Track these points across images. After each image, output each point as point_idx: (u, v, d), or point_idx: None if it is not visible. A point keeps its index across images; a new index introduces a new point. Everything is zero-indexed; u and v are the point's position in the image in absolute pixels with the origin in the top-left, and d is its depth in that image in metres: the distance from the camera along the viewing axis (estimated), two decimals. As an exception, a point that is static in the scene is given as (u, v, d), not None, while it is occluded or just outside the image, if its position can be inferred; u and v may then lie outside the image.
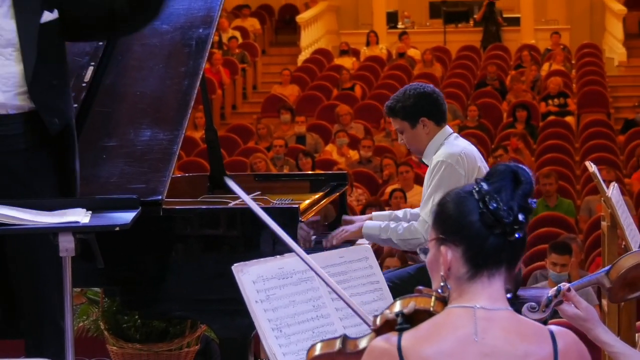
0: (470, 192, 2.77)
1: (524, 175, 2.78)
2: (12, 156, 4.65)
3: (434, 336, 2.72)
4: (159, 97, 5.37)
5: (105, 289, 5.60)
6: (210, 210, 5.22)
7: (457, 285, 2.79)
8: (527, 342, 2.72)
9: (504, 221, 2.71)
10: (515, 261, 2.80)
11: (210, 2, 5.69)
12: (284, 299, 3.68)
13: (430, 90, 5.80)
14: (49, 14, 4.63)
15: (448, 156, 5.55)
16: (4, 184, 4.60)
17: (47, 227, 4.26)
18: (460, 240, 2.76)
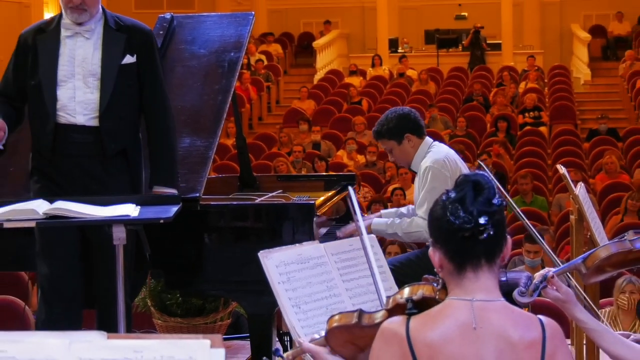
0: (443, 201, 2.78)
1: (484, 183, 2.76)
2: (90, 160, 4.68)
3: (437, 324, 2.71)
4: (197, 110, 5.37)
5: (152, 271, 5.60)
6: (240, 205, 5.21)
7: (450, 279, 2.78)
8: (519, 329, 2.71)
9: (465, 227, 2.71)
10: (493, 254, 2.76)
11: (240, 30, 5.69)
12: (302, 281, 3.67)
13: (407, 110, 5.82)
14: (130, 57, 4.66)
15: (434, 162, 5.54)
16: (85, 183, 4.63)
17: (103, 220, 4.25)
18: (442, 242, 2.76)
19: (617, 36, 24.64)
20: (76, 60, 4.61)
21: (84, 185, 4.61)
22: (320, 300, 3.66)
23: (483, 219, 2.72)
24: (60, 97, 4.61)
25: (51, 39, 4.63)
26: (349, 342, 3.02)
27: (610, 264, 3.40)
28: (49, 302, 4.70)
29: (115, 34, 4.67)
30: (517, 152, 16.02)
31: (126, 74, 4.66)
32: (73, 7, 4.54)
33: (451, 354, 2.67)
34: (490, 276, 2.76)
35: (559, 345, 2.75)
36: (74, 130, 4.64)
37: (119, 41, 4.66)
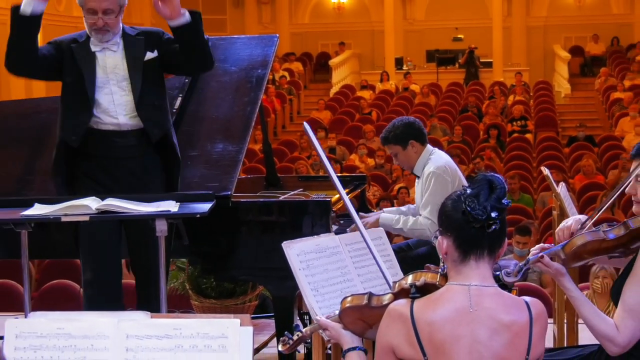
0: (458, 196, 2.77)
1: (498, 183, 2.77)
2: (131, 160, 4.66)
3: (438, 306, 2.71)
4: (229, 119, 5.36)
5: (190, 259, 5.59)
6: (266, 202, 5.20)
7: (452, 266, 2.78)
8: (510, 311, 2.71)
9: (479, 218, 2.70)
10: (495, 247, 2.78)
11: (266, 50, 5.68)
12: (319, 267, 3.67)
13: (412, 120, 5.79)
14: (150, 54, 4.63)
15: (437, 168, 5.52)
16: (128, 181, 4.60)
17: (147, 214, 4.25)
18: (451, 232, 2.76)
19: (593, 55, 24.61)
20: (108, 69, 4.58)
21: (127, 183, 4.58)
22: (335, 285, 3.66)
23: (494, 213, 2.73)
24: (101, 101, 4.58)
25: (85, 50, 4.60)
26: (359, 320, 3.03)
27: (586, 251, 3.38)
28: (91, 289, 4.70)
29: (134, 38, 4.65)
30: (506, 156, 15.99)
31: (150, 68, 4.63)
32: (97, 29, 4.53)
33: (449, 333, 2.66)
34: (488, 266, 2.77)
35: (543, 324, 2.76)
36: (117, 135, 4.61)
37: (138, 43, 4.63)
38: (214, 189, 4.85)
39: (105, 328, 2.68)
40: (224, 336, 2.66)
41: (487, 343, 2.66)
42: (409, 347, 2.67)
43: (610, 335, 3.15)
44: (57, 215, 4.26)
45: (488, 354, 2.66)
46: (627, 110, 17.93)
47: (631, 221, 3.30)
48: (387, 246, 4.05)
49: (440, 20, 25.54)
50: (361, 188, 6.19)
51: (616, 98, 19.50)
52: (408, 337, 2.67)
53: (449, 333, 2.66)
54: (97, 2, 4.45)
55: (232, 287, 5.95)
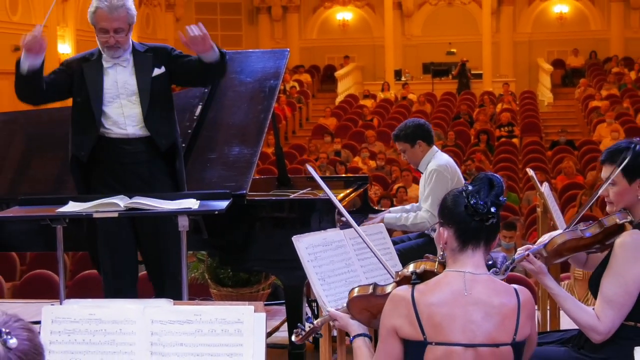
0: (461, 192, 2.78)
1: (497, 182, 2.78)
2: (139, 166, 4.63)
3: (436, 290, 2.71)
4: (244, 125, 5.36)
5: (209, 252, 5.59)
6: (278, 200, 5.20)
7: (451, 255, 2.79)
8: (500, 296, 2.72)
9: (480, 212, 2.71)
10: (490, 239, 2.81)
11: (278, 63, 5.68)
12: (326, 259, 3.66)
13: (422, 122, 5.83)
14: (158, 70, 4.60)
15: (439, 166, 5.56)
16: (136, 184, 4.57)
17: (170, 211, 4.25)
18: (452, 224, 2.77)
19: (573, 68, 24.60)
20: (119, 84, 4.57)
21: (135, 187, 4.53)
22: (340, 275, 3.65)
23: (493, 208, 2.74)
24: (111, 114, 4.56)
25: (95, 68, 4.58)
26: (365, 310, 3.05)
27: (566, 248, 3.37)
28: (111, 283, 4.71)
29: (143, 55, 4.62)
30: (495, 159, 15.99)
31: (158, 83, 4.60)
32: (109, 47, 4.52)
33: (446, 314, 2.68)
34: (482, 256, 2.78)
35: (530, 308, 2.76)
36: (126, 143, 4.59)
37: (147, 60, 4.60)
38: (230, 188, 4.85)
39: (132, 314, 2.68)
40: (240, 321, 2.65)
41: (480, 323, 2.68)
42: (410, 327, 2.68)
43: (593, 325, 3.14)
44: (89, 212, 4.27)
45: (480, 333, 2.67)
46: (603, 117, 17.94)
47: (605, 220, 3.29)
48: (387, 240, 4.05)
49: (435, 36, 25.55)
50: (364, 187, 6.18)
51: (594, 106, 19.50)
52: (409, 318, 2.68)
53: (446, 314, 2.67)
54: (108, 22, 4.44)
55: (247, 276, 5.95)
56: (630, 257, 3.13)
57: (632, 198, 3.25)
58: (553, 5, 25.79)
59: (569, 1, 25.70)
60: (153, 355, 2.64)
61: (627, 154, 3.22)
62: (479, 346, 2.66)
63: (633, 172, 3.22)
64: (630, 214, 3.26)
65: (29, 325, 1.68)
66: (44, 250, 5.42)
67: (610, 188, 3.28)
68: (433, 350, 2.66)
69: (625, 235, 3.20)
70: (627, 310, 3.13)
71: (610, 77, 22.45)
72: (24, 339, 1.62)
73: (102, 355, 2.65)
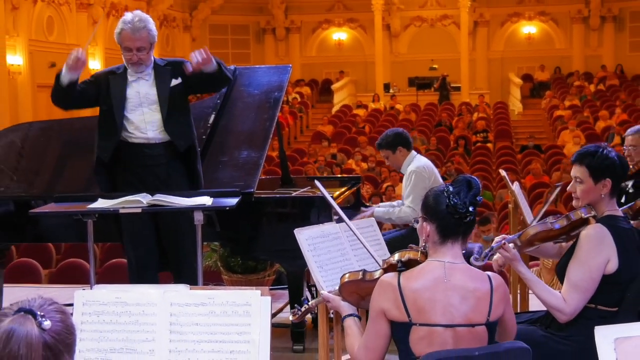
0: (442, 191, 2.77)
1: (475, 183, 2.78)
2: (158, 167, 4.63)
3: (419, 277, 2.70)
4: (252, 132, 5.36)
5: (221, 243, 5.58)
6: (282, 197, 5.20)
7: (432, 246, 2.78)
8: (475, 282, 2.71)
9: (459, 210, 2.71)
10: (467, 233, 2.81)
11: (281, 77, 5.68)
12: (324, 249, 3.66)
13: (401, 131, 5.85)
14: (175, 80, 4.60)
15: (417, 167, 5.58)
16: (155, 184, 4.55)
17: (187, 207, 4.24)
18: (434, 220, 2.75)
19: (540, 81, 24.60)
20: (141, 94, 4.57)
21: (154, 186, 4.51)
22: (336, 263, 3.65)
23: (471, 207, 2.73)
24: (133, 120, 4.56)
25: (121, 80, 4.59)
26: (354, 292, 3.04)
27: (537, 238, 3.38)
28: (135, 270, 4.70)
29: (163, 68, 4.62)
30: (471, 161, 16.00)
31: (175, 92, 4.60)
32: (133, 63, 4.52)
33: (428, 298, 2.67)
34: (460, 247, 2.77)
35: (502, 292, 2.75)
36: (146, 146, 4.59)
37: (166, 72, 4.61)
38: (240, 187, 4.85)
39: (154, 297, 2.67)
40: (248, 304, 2.65)
41: (458, 306, 2.67)
42: (396, 310, 2.67)
43: (559, 306, 3.14)
44: (115, 208, 4.26)
45: (458, 315, 2.67)
46: (566, 124, 17.96)
47: (572, 214, 3.30)
48: (377, 232, 4.05)
49: (419, 54, 25.53)
50: (357, 186, 6.19)
51: (558, 115, 19.52)
52: (396, 302, 2.67)
53: (428, 298, 2.66)
54: (132, 41, 4.46)
55: (254, 264, 5.95)
56: (594, 248, 3.13)
57: (596, 196, 3.25)
58: (522, 27, 25.81)
59: (536, 23, 25.73)
60: (172, 333, 2.63)
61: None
62: (457, 326, 2.66)
63: (599, 173, 3.22)
64: (593, 210, 3.27)
65: (62, 307, 1.67)
66: (76, 241, 5.42)
67: (577, 185, 3.28)
68: (417, 331, 2.66)
69: (589, 228, 3.20)
70: (590, 294, 3.14)
71: (572, 89, 22.48)
72: (57, 321, 1.61)
73: (127, 333, 2.64)
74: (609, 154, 3.23)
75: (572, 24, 25.34)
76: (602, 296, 3.14)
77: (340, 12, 26.17)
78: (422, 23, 26.09)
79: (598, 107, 20.21)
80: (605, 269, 3.13)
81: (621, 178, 3.28)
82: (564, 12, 25.35)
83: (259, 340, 2.59)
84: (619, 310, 3.16)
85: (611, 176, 3.21)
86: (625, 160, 3.30)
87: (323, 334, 3.42)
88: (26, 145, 5.61)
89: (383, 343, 2.73)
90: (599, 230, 3.16)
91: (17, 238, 5.49)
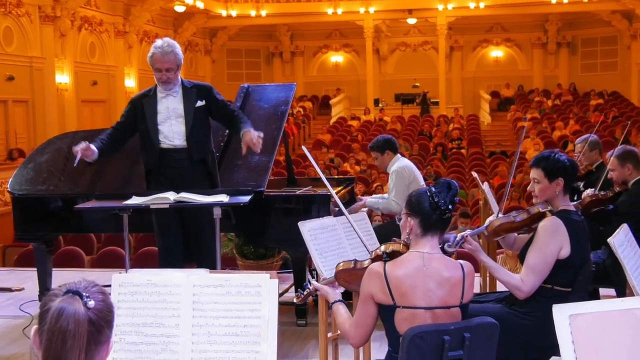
0: (425, 191, 2.76)
1: (454, 186, 2.77)
2: (183, 169, 4.62)
3: (402, 266, 2.69)
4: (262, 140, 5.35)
5: (236, 233, 5.58)
6: (287, 195, 5.19)
7: (414, 238, 2.76)
8: (450, 270, 2.70)
9: (441, 208, 2.70)
10: (445, 228, 2.78)
11: (287, 93, 5.68)
12: (323, 239, 3.64)
13: (389, 137, 5.89)
14: (200, 102, 4.60)
15: (399, 168, 5.63)
16: (180, 183, 4.55)
17: (208, 203, 4.24)
18: (418, 215, 2.74)
19: (505, 97, 24.60)
20: (170, 109, 4.57)
21: (179, 184, 4.52)
22: (334, 251, 3.64)
23: (450, 206, 2.72)
24: (163, 130, 4.57)
25: (152, 99, 4.59)
26: (347, 278, 3.03)
27: (502, 229, 3.38)
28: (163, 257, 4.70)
29: (190, 90, 4.62)
30: (448, 164, 16.00)
31: (199, 112, 4.60)
32: (162, 82, 4.53)
33: (409, 284, 2.65)
34: (438, 240, 2.76)
35: (473, 277, 2.74)
36: (175, 152, 4.59)
37: (192, 94, 4.61)
38: (252, 186, 4.85)
39: (179, 280, 2.67)
40: (259, 285, 2.64)
41: (435, 291, 2.65)
42: (382, 294, 2.66)
43: (517, 285, 3.15)
44: (147, 203, 4.27)
45: (435, 298, 2.65)
46: (528, 134, 17.96)
47: (531, 208, 3.30)
48: (368, 224, 4.04)
49: (404, 74, 25.54)
50: (351, 186, 6.19)
51: (521, 126, 19.49)
52: (382, 287, 2.66)
53: (410, 284, 2.64)
54: (161, 63, 4.47)
55: (264, 252, 5.95)
56: (550, 237, 3.14)
57: (552, 193, 3.25)
58: (491, 51, 25.83)
59: (502, 48, 25.74)
60: (194, 310, 2.63)
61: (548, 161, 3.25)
62: (435, 308, 2.64)
63: (553, 174, 3.23)
64: (550, 205, 3.27)
65: (102, 289, 1.68)
66: (114, 232, 5.42)
67: (535, 185, 3.28)
68: (401, 312, 2.64)
69: (546, 220, 3.21)
70: (544, 276, 3.14)
71: (533, 104, 22.50)
72: (99, 300, 1.61)
73: (156, 310, 2.64)
74: (560, 158, 3.24)
75: (532, 49, 25.37)
76: (558, 278, 3.15)
77: (337, 38, 26.18)
78: (406, 48, 26.11)
79: (555, 119, 20.23)
80: (560, 255, 3.13)
81: (572, 178, 3.29)
82: (526, 39, 25.38)
83: (268, 316, 2.59)
84: (572, 290, 3.16)
85: (563, 176, 3.22)
86: (575, 163, 3.31)
87: (322, 311, 3.42)
88: (71, 151, 5.60)
89: (371, 322, 2.73)
90: (554, 222, 3.16)
91: (64, 229, 5.49)
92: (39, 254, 5.44)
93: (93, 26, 18.04)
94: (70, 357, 1.53)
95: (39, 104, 15.77)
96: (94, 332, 1.57)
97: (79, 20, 17.31)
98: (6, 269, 7.64)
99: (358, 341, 2.78)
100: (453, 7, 22.67)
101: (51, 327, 1.53)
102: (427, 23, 24.11)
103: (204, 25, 23.31)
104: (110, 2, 18.57)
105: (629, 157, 4.78)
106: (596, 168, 5.54)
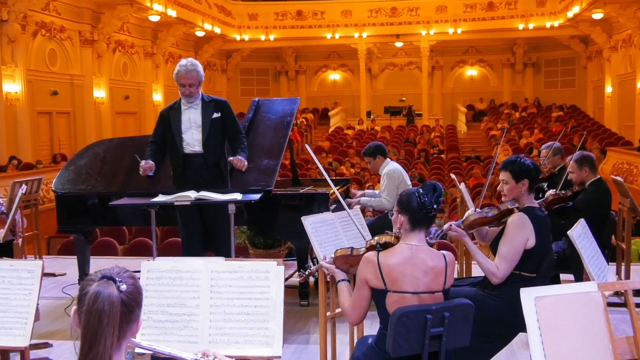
0: (414, 192, 2.75)
1: (439, 188, 2.76)
2: (202, 171, 4.60)
3: (393, 255, 2.68)
4: (271, 146, 5.35)
5: (248, 225, 5.58)
6: (292, 193, 5.18)
7: (404, 233, 2.76)
8: (434, 260, 2.69)
9: (427, 207, 2.69)
10: (430, 224, 2.78)
11: (292, 106, 5.68)
12: (323, 231, 3.64)
13: (380, 143, 5.89)
14: (216, 114, 4.58)
15: (389, 170, 5.61)
16: (199, 183, 4.53)
17: (224, 200, 4.24)
18: (407, 212, 2.73)
19: (479, 110, 24.57)
20: (191, 120, 4.56)
21: (200, 185, 4.51)
22: (332, 241, 3.63)
23: (435, 205, 2.72)
24: (186, 139, 4.55)
25: (177, 111, 4.58)
26: (345, 263, 3.03)
27: (476, 223, 3.38)
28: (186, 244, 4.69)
29: (208, 103, 4.59)
30: (430, 167, 15.97)
31: (215, 123, 4.58)
32: (186, 95, 4.52)
33: (399, 272, 2.64)
34: (424, 234, 2.75)
35: (453, 267, 2.73)
36: (195, 156, 4.57)
37: (210, 107, 4.58)
38: (262, 186, 4.84)
39: (199, 266, 2.67)
40: (267, 271, 2.64)
41: (421, 278, 2.65)
42: (376, 280, 2.65)
43: (493, 271, 3.14)
44: (171, 201, 4.26)
45: (421, 284, 2.64)
46: (499, 141, 17.93)
47: (501, 206, 3.30)
48: (362, 218, 4.02)
49: (392, 89, 25.52)
50: (347, 186, 6.19)
51: (492, 134, 19.52)
52: (375, 274, 2.65)
53: (399, 272, 2.64)
54: (185, 79, 4.47)
55: (272, 242, 5.94)
56: (517, 230, 3.13)
57: (518, 192, 3.25)
58: (467, 70, 25.82)
59: (476, 68, 25.74)
60: (212, 292, 2.63)
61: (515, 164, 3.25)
62: (421, 293, 2.64)
63: (519, 176, 3.22)
64: (517, 202, 3.27)
65: (133, 274, 1.67)
66: (143, 225, 5.41)
67: (504, 186, 3.28)
68: (391, 296, 2.63)
69: (514, 215, 3.20)
70: (515, 264, 3.13)
71: (503, 116, 22.49)
72: (130, 284, 1.61)
73: (179, 292, 2.64)
74: (525, 162, 3.25)
75: (502, 68, 25.36)
76: (525, 265, 3.14)
77: (335, 59, 26.16)
78: (394, 67, 26.09)
79: (522, 128, 20.21)
80: (526, 245, 3.12)
81: (535, 179, 3.28)
82: (497, 60, 25.37)
83: (275, 297, 2.59)
84: (537, 276, 3.15)
85: (528, 177, 3.22)
86: (538, 166, 3.31)
87: (322, 293, 3.42)
88: (107, 155, 5.61)
89: (366, 304, 2.72)
90: (521, 217, 3.16)
91: (100, 222, 5.48)
92: (79, 243, 5.44)
93: (125, 48, 18.07)
94: (105, 333, 1.53)
95: (79, 115, 15.91)
96: (125, 311, 1.56)
97: (114, 43, 17.37)
98: (51, 257, 7.65)
99: (355, 320, 2.77)
100: (434, 33, 22.69)
101: (89, 308, 1.53)
102: (412, 46, 24.13)
103: (220, 47, 23.34)
104: (140, 28, 18.61)
105: (586, 161, 4.81)
106: (558, 171, 5.55)
